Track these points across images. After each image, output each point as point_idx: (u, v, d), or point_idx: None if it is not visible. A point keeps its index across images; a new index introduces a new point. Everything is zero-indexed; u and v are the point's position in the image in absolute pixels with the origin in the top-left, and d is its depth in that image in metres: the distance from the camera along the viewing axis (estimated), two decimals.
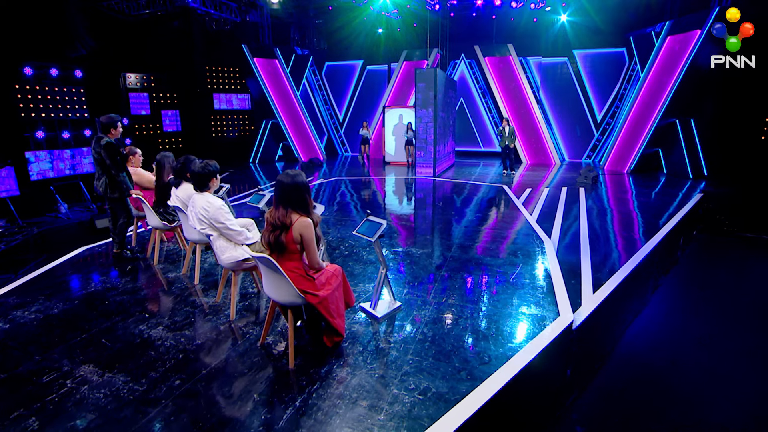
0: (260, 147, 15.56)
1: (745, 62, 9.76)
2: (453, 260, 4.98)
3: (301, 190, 2.82)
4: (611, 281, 4.42)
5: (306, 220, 2.80)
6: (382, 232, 3.45)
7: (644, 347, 4.61)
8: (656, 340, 4.76)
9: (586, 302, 3.95)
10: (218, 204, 3.42)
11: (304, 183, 2.85)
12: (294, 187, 2.81)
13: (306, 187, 2.86)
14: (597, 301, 3.98)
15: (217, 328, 3.44)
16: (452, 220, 7.06)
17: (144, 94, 13.08)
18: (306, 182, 2.88)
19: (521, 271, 4.62)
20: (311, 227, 2.82)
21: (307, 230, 2.80)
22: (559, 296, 3.98)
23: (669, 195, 9.04)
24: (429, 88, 11.14)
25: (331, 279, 3.03)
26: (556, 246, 5.55)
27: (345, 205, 8.40)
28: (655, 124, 11.21)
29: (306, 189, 2.85)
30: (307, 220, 2.81)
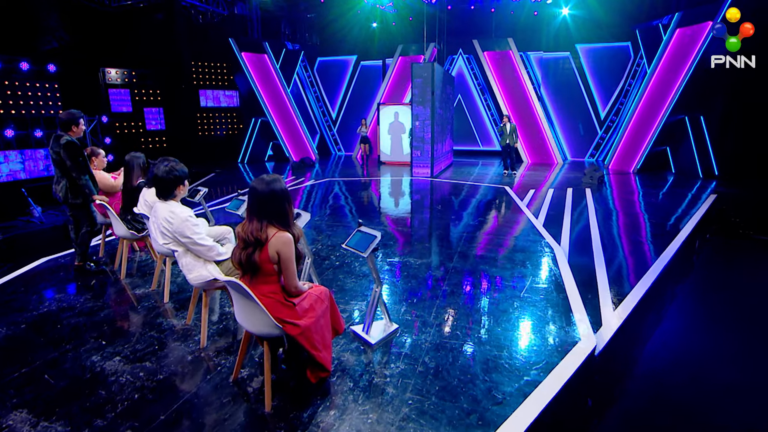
0: (249, 146, 15.07)
1: (745, 62, 9.50)
2: (455, 272, 4.56)
3: (279, 199, 2.39)
4: (632, 296, 4.02)
5: (285, 236, 2.37)
6: (376, 246, 3.01)
7: (665, 364, 4.21)
8: (677, 355, 4.36)
9: (607, 322, 3.54)
10: (184, 215, 2.96)
11: (282, 190, 2.41)
12: (270, 196, 2.37)
13: (285, 195, 2.42)
14: (619, 320, 3.58)
15: (183, 358, 2.99)
16: (452, 224, 6.65)
17: (125, 91, 12.57)
18: (284, 189, 2.44)
19: (532, 284, 4.21)
20: (291, 244, 2.38)
21: (285, 248, 2.36)
22: (576, 314, 3.57)
23: (680, 196, 8.68)
24: (426, 84, 10.72)
25: (316, 304, 2.60)
26: (567, 253, 5.15)
27: (337, 208, 7.96)
28: (663, 121, 10.86)
29: (285, 198, 2.42)
30: (286, 236, 2.37)
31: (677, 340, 4.52)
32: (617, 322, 3.56)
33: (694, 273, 6.07)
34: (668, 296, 5.07)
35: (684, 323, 4.77)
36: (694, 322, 4.86)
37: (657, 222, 6.73)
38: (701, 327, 4.75)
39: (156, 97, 13.32)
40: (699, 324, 4.81)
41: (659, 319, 4.73)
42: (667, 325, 4.76)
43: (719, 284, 5.42)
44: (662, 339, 4.55)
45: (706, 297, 5.02)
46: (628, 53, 13.48)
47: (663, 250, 5.29)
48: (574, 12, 13.84)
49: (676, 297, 5.24)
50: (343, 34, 16.48)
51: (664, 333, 4.64)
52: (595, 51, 13.96)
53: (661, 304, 4.82)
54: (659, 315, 4.79)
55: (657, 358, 4.25)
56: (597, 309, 3.74)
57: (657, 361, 4.19)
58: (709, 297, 5.03)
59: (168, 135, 13.73)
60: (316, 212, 7.66)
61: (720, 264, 6.76)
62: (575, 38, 13.94)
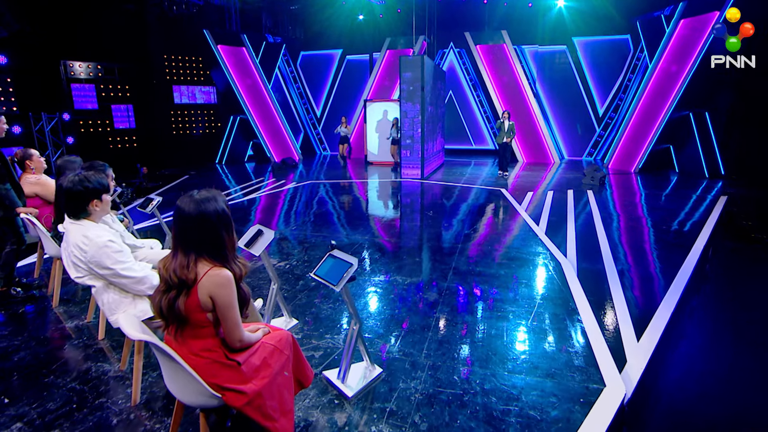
0: (227, 146, 14.38)
1: (745, 62, 9.15)
2: (450, 294, 3.99)
3: (214, 225, 1.79)
4: (656, 321, 3.50)
5: (221, 274, 1.77)
6: (352, 275, 2.43)
7: (694, 396, 3.69)
8: (707, 383, 3.84)
9: (633, 357, 3.00)
10: (101, 239, 2.33)
11: (218, 213, 1.81)
12: (201, 220, 1.77)
13: (222, 219, 1.82)
14: (646, 355, 3.05)
15: (107, 421, 2.38)
16: (445, 234, 6.09)
17: (90, 86, 11.81)
18: (223, 211, 1.84)
19: (540, 308, 3.66)
20: (230, 285, 1.78)
21: (221, 290, 1.77)
22: (596, 349, 3.03)
23: (688, 198, 8.25)
24: (416, 79, 10.16)
25: (272, 358, 2.00)
26: (575, 267, 4.62)
27: (319, 216, 7.36)
28: (667, 117, 10.44)
29: (222, 222, 1.82)
30: (223, 274, 1.78)
31: (714, 376, 3.99)
32: (644, 356, 3.03)
33: (717, 288, 5.58)
34: (695, 319, 4.54)
35: (718, 353, 4.24)
36: (730, 351, 4.35)
37: (668, 228, 6.25)
38: (739, 357, 4.23)
39: (125, 93, 12.58)
40: (736, 353, 4.29)
41: (689, 349, 4.20)
42: (699, 356, 4.24)
43: (748, 302, 4.92)
44: (697, 375, 4.01)
45: (737, 318, 4.51)
46: (628, 46, 13.08)
47: (681, 261, 4.80)
48: (570, 3, 13.38)
49: (703, 319, 4.73)
50: (328, 27, 15.84)
51: (698, 366, 4.10)
52: (593, 44, 13.54)
53: (688, 330, 4.29)
54: (688, 343, 4.25)
55: (694, 399, 3.73)
56: (618, 338, 3.21)
57: (695, 404, 3.67)
58: (740, 317, 4.52)
59: (138, 134, 12.99)
60: (297, 219, 7.05)
61: (742, 276, 6.28)
62: (572, 31, 13.49)
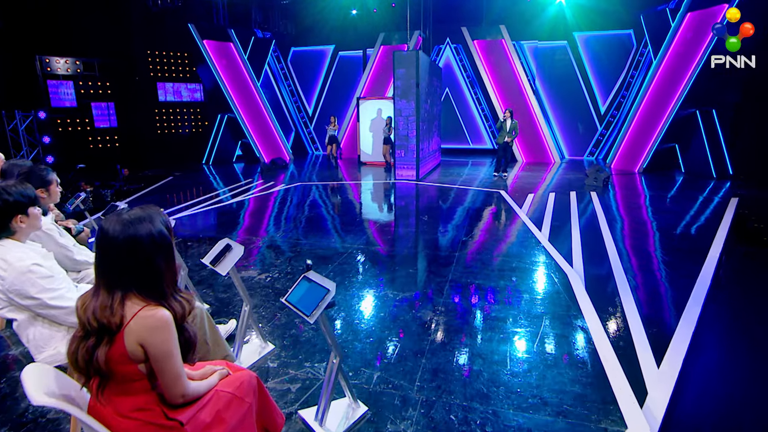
0: (214, 146, 13.98)
1: (750, 60, 8.90)
2: (446, 311, 3.65)
3: (147, 253, 1.43)
4: (676, 343, 3.17)
5: (156, 315, 1.41)
6: (330, 302, 2.08)
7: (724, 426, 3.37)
8: (743, 417, 3.51)
9: (655, 389, 2.67)
10: (24, 264, 1.94)
11: (153, 237, 1.44)
12: (130, 247, 1.41)
13: (160, 243, 1.46)
14: (669, 384, 2.72)
15: None
16: (442, 241, 5.75)
17: (68, 82, 11.40)
18: (160, 234, 1.47)
19: (547, 329, 3.32)
20: (167, 328, 1.42)
21: (156, 336, 1.41)
22: (613, 381, 2.69)
23: (697, 200, 7.96)
24: (410, 75, 9.82)
25: (228, 410, 1.65)
26: (583, 279, 4.29)
27: (307, 221, 7.00)
28: (672, 115, 10.16)
29: (159, 248, 1.46)
30: (159, 315, 1.42)
31: (751, 408, 3.67)
32: (667, 387, 2.69)
33: (740, 301, 5.27)
34: (720, 339, 4.21)
35: (754, 379, 3.92)
36: (746, 359, 4.03)
37: (679, 233, 5.95)
38: (757, 364, 3.91)
39: (106, 90, 12.17)
40: (753, 360, 3.97)
41: (718, 377, 3.86)
42: (730, 384, 3.92)
43: (761, 307, 4.60)
44: (730, 407, 3.69)
45: (745, 321, 4.19)
46: (631, 41, 12.79)
47: (697, 271, 4.48)
48: None
49: (729, 338, 4.41)
50: (320, 22, 15.46)
51: (729, 396, 3.77)
52: (595, 39, 13.24)
53: (714, 352, 3.95)
54: (716, 369, 3.91)
55: (714, 413, 3.40)
56: (635, 365, 2.88)
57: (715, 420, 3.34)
58: (757, 332, 4.20)
59: (120, 133, 12.59)
60: (283, 225, 6.70)
61: (751, 280, 5.99)
62: (573, 26, 13.18)
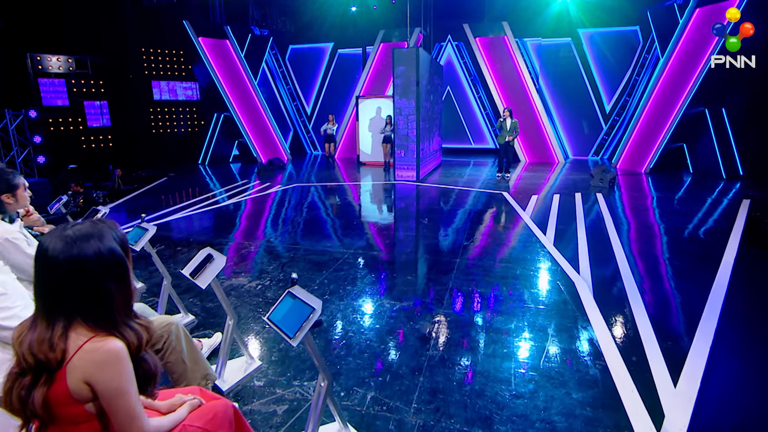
0: (211, 145, 13.81)
1: (745, 62, 8.73)
2: (446, 323, 3.47)
3: (95, 275, 1.24)
4: (693, 357, 2.97)
5: (104, 348, 1.22)
6: (317, 320, 1.90)
7: None
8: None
9: (673, 411, 2.48)
10: None
11: (101, 256, 1.25)
12: (75, 268, 1.22)
13: (111, 263, 1.27)
14: (687, 406, 2.52)
15: None
16: (442, 247, 5.57)
17: (60, 81, 11.23)
18: (111, 252, 1.28)
19: (554, 343, 3.13)
20: (118, 362, 1.23)
21: (105, 372, 1.22)
22: (627, 401, 2.51)
23: (708, 201, 7.76)
24: (410, 73, 9.64)
25: None
26: (590, 287, 4.10)
27: (302, 224, 6.83)
28: (680, 114, 9.96)
29: (109, 269, 1.27)
30: (107, 348, 1.23)
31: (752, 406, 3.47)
32: (685, 409, 2.50)
33: (753, 309, 5.07)
34: (740, 353, 4.00)
35: (754, 377, 3.72)
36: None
37: (691, 237, 5.76)
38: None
39: (99, 89, 12.00)
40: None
41: (740, 397, 3.65)
42: (754, 405, 3.72)
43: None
44: (729, 404, 3.50)
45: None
46: (637, 38, 12.59)
47: (712, 278, 4.28)
48: None
49: (751, 352, 4.19)
50: (319, 19, 15.28)
51: (749, 419, 3.58)
52: (600, 36, 13.04)
53: (734, 368, 3.74)
54: (738, 388, 3.71)
55: None
56: (650, 383, 2.69)
57: None
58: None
59: (114, 133, 12.42)
60: (278, 229, 6.52)
61: (764, 286, 5.79)
62: (577, 22, 12.99)
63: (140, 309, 2.55)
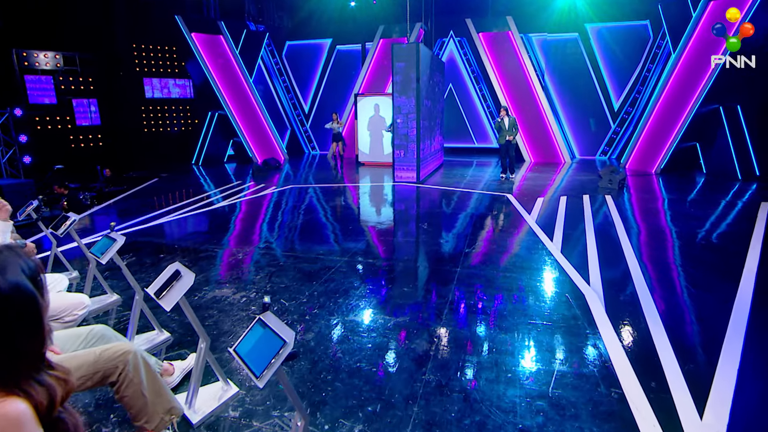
0: (204, 145, 13.58)
1: (745, 62, 8.49)
2: (445, 343, 3.22)
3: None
4: (720, 384, 2.72)
5: (4, 411, 0.98)
6: (291, 353, 1.65)
7: None
8: None
9: None
10: None
11: (1, 293, 1.02)
12: None
13: (15, 302, 1.03)
14: None
15: None
16: (442, 254, 5.32)
17: (47, 78, 11.03)
18: (17, 287, 1.03)
19: (564, 367, 2.88)
20: (20, 427, 0.99)
21: None
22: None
23: (724, 205, 7.49)
24: (410, 69, 9.39)
25: None
26: (602, 301, 3.84)
27: (294, 229, 6.59)
28: (693, 112, 9.68)
29: (13, 310, 1.03)
30: (9, 410, 0.98)
31: None
32: None
33: (756, 309, 4.81)
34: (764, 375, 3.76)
35: None
36: None
37: (709, 244, 5.49)
38: None
39: (88, 87, 11.79)
40: None
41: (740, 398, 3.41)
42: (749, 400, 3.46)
43: None
44: None
45: None
46: (647, 33, 12.31)
47: (734, 291, 4.02)
48: None
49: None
50: (316, 14, 15.05)
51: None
52: (608, 31, 12.77)
53: (763, 392, 3.49)
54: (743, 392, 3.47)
55: None
56: (675, 418, 2.43)
57: None
58: None
59: (105, 132, 12.21)
60: (268, 234, 6.29)
61: None
62: (585, 17, 12.71)
63: (101, 331, 2.31)
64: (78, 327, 2.43)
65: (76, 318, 2.62)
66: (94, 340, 2.25)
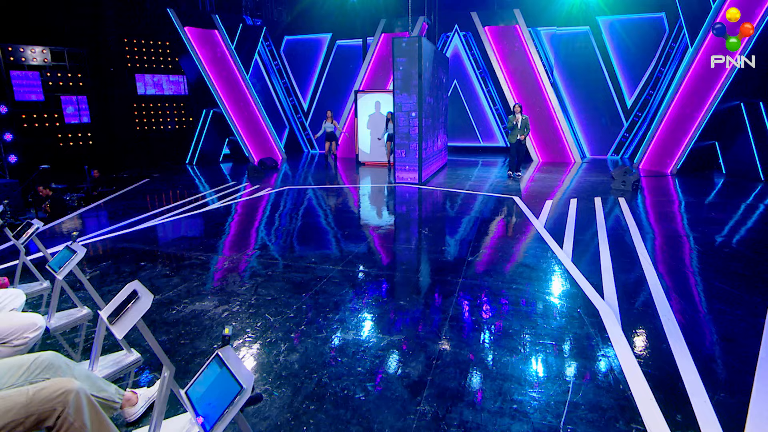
0: (199, 144, 13.38)
1: (745, 62, 8.22)
2: (443, 366, 2.96)
3: None
4: (757, 417, 2.45)
5: None
6: (252, 398, 1.41)
7: None
8: None
9: None
10: None
11: None
12: None
13: None
14: None
15: None
16: (443, 264, 5.07)
17: (34, 74, 10.85)
18: None
19: (576, 398, 2.62)
20: None
21: None
22: None
23: (747, 208, 7.20)
24: (412, 65, 9.13)
25: None
26: (618, 318, 3.57)
27: (285, 235, 6.36)
28: (712, 109, 9.37)
29: None
30: None
31: None
32: None
33: None
34: None
35: None
36: None
37: (733, 252, 5.20)
38: None
39: (77, 83, 11.61)
40: None
41: None
42: None
43: None
44: None
45: None
46: (663, 26, 12.00)
47: (764, 305, 3.74)
48: None
49: None
50: (316, 8, 14.82)
51: None
52: (621, 24, 12.47)
53: None
54: None
55: None
56: None
57: None
58: None
59: (95, 130, 12.03)
60: (257, 240, 6.06)
61: None
62: (596, 9, 12.42)
63: (47, 359, 2.08)
64: (24, 354, 2.20)
65: (27, 341, 2.38)
66: (38, 371, 2.01)
